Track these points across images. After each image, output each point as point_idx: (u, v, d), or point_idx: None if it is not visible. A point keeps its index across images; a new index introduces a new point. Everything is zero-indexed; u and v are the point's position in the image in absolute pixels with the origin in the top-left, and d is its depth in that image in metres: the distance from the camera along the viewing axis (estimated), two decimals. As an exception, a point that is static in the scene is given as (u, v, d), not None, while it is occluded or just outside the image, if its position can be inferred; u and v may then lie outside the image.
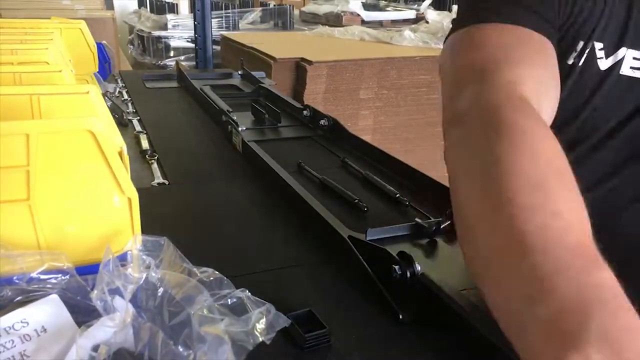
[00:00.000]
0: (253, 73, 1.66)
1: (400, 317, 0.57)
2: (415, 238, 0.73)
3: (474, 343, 0.52)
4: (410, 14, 4.13)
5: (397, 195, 0.85)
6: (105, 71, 1.51)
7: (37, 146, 0.46)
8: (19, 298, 0.45)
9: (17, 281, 0.45)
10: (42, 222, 0.48)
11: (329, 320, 0.55)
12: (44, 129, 0.47)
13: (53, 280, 0.46)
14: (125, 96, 1.53)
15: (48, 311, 0.44)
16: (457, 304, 0.54)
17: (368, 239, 0.68)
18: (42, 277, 0.46)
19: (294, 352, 0.51)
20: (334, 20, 3.88)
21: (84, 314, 0.45)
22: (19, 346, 0.42)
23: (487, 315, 0.52)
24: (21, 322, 0.43)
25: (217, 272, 0.50)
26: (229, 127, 1.15)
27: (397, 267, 0.59)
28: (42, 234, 0.49)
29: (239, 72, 1.74)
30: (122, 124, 1.24)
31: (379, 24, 3.97)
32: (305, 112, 1.24)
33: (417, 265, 0.58)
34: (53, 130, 0.47)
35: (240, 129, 1.11)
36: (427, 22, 2.69)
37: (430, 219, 0.78)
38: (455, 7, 2.57)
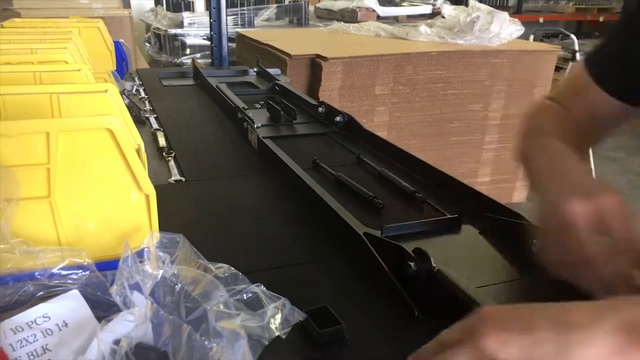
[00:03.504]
0: (268, 70, 1.66)
1: (416, 313, 0.57)
2: (431, 234, 0.73)
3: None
4: (426, 9, 4.10)
5: (413, 192, 0.85)
6: (122, 69, 1.53)
7: (57, 144, 0.47)
8: (40, 293, 0.46)
9: (38, 277, 0.46)
10: (62, 219, 0.49)
11: (344, 316, 0.55)
12: (64, 127, 0.47)
13: (74, 276, 0.47)
14: (143, 94, 1.54)
15: (69, 306, 0.45)
16: (473, 300, 0.54)
17: (383, 235, 0.68)
18: (63, 272, 0.47)
19: (309, 348, 0.52)
20: (349, 16, 3.88)
21: (103, 309, 0.45)
22: (41, 340, 0.43)
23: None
24: (43, 316, 0.44)
25: (232, 268, 0.50)
26: (245, 124, 1.16)
27: (412, 264, 0.58)
28: (63, 230, 0.50)
29: (255, 69, 1.75)
30: (140, 121, 1.26)
31: (395, 20, 3.96)
32: (320, 109, 1.24)
33: (432, 261, 0.58)
34: (72, 128, 0.48)
35: (255, 125, 1.11)
36: (443, 17, 2.66)
37: (445, 215, 0.78)
38: (471, 2, 2.54)
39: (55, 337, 0.43)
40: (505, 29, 2.43)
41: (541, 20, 5.76)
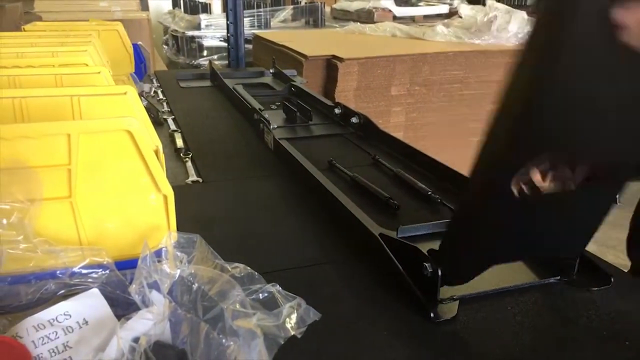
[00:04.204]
0: (284, 71, 1.67)
1: (431, 315, 0.57)
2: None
3: (504, 343, 0.52)
4: (443, 8, 4.08)
5: (429, 193, 0.85)
6: (141, 71, 1.55)
7: (77, 146, 0.48)
8: (62, 291, 0.47)
9: (60, 275, 0.47)
10: (83, 219, 0.50)
11: (359, 316, 0.55)
12: (84, 129, 0.48)
13: (94, 275, 0.48)
14: (161, 96, 1.56)
15: (89, 304, 0.46)
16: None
17: (399, 236, 0.68)
18: (84, 271, 0.48)
19: (324, 348, 0.52)
20: (366, 16, 3.87)
21: (122, 307, 0.46)
22: (62, 337, 0.44)
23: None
24: (64, 314, 0.45)
25: (248, 268, 0.51)
26: (261, 125, 1.17)
27: (428, 265, 0.58)
28: (83, 230, 0.51)
29: (271, 71, 1.76)
30: (158, 123, 1.27)
31: (411, 20, 3.94)
32: (336, 110, 1.25)
33: (448, 262, 0.58)
34: (93, 130, 0.49)
35: (272, 127, 1.12)
36: (460, 16, 2.65)
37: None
38: (488, 1, 2.52)
39: (76, 334, 0.44)
40: (523, 29, 2.41)
41: (560, 19, 5.67)
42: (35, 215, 0.47)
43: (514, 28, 2.39)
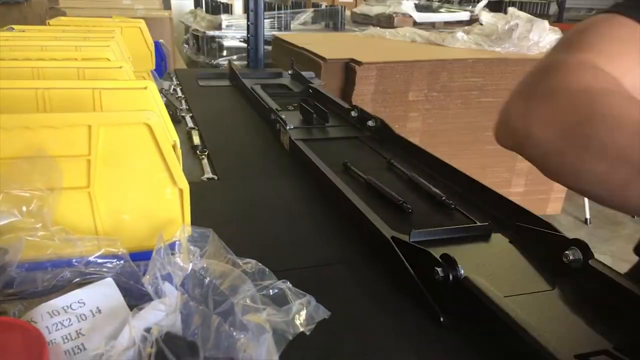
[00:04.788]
0: (303, 73, 1.68)
1: (441, 319, 0.57)
2: (460, 241, 0.73)
3: (515, 349, 0.51)
4: (463, 15, 4.06)
5: (443, 198, 0.84)
6: (161, 69, 1.57)
7: (97, 137, 0.49)
8: (77, 279, 0.47)
9: (76, 263, 0.48)
10: (100, 209, 0.51)
11: (369, 318, 0.55)
12: (105, 121, 0.49)
13: (109, 265, 0.48)
14: (180, 93, 1.58)
15: (103, 293, 0.46)
16: (500, 309, 0.54)
17: (411, 240, 0.67)
18: (99, 261, 0.48)
19: (333, 349, 0.52)
20: (386, 21, 3.87)
21: (135, 297, 0.47)
22: (76, 325, 0.45)
23: (529, 322, 0.51)
24: (78, 302, 0.46)
25: (259, 264, 0.51)
26: (278, 125, 1.17)
27: (439, 270, 0.58)
28: (100, 220, 0.52)
29: (289, 72, 1.77)
30: (176, 120, 1.28)
31: (432, 26, 3.93)
32: (353, 113, 1.25)
33: (460, 268, 0.58)
34: (113, 122, 0.49)
35: (288, 127, 1.13)
36: (481, 24, 2.63)
37: (475, 222, 0.77)
38: (510, 9, 2.51)
39: (89, 322, 0.45)
40: (544, 38, 2.39)
41: (582, 29, 5.60)
42: (54, 204, 0.48)
43: (535, 37, 2.37)
